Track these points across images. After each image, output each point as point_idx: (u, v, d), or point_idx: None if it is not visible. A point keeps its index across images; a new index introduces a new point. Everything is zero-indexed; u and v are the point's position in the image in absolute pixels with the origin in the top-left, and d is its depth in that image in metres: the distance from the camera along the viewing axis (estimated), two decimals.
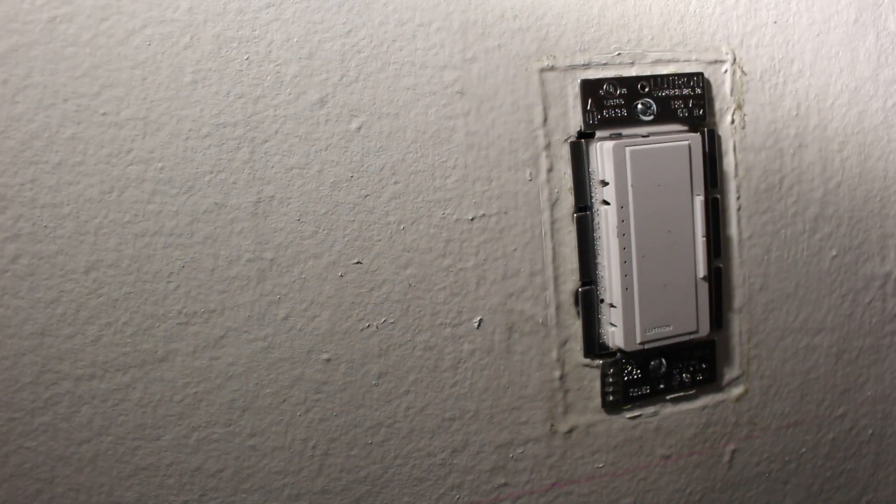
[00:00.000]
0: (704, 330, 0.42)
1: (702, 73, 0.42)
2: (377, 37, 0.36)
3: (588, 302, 0.41)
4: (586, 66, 0.40)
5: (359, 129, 0.37)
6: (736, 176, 0.43)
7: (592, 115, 0.40)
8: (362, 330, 0.38)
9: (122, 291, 0.34)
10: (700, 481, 0.46)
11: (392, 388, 0.39)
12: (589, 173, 0.40)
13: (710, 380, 0.44)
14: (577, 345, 0.41)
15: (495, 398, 0.40)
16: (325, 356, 0.37)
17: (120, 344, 0.34)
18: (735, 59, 0.43)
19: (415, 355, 0.39)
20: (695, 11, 0.42)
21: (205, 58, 0.34)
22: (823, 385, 0.48)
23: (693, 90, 0.42)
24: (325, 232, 0.37)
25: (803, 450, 0.48)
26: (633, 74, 0.41)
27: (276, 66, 0.35)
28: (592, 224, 0.40)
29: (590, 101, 0.40)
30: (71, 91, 0.33)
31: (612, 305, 0.41)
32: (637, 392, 0.43)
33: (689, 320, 0.42)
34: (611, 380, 0.42)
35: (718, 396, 0.45)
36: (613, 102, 0.40)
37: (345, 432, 0.38)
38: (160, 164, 0.34)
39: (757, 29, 0.43)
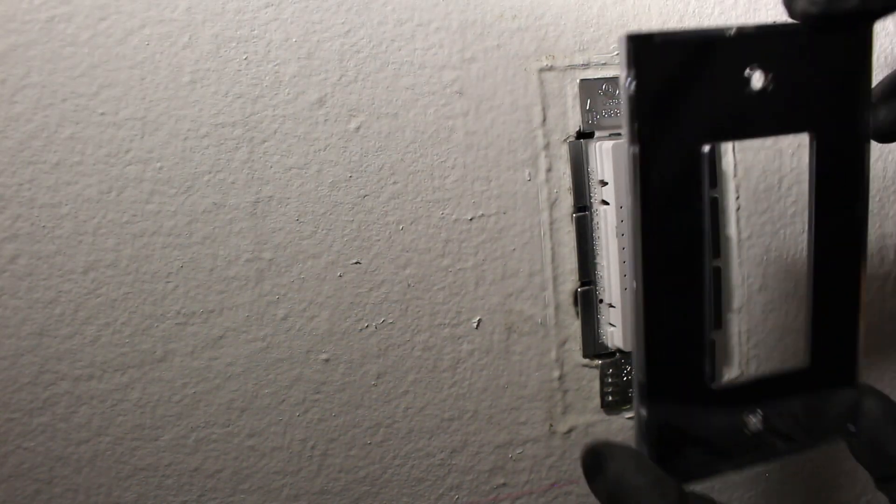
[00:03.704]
0: None
1: None
2: (376, 37, 0.36)
3: (587, 302, 0.41)
4: (585, 66, 0.40)
5: (357, 128, 0.37)
6: (735, 176, 0.43)
7: (592, 114, 0.40)
8: (361, 330, 0.38)
9: (121, 291, 0.34)
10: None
11: (391, 388, 0.39)
12: (588, 173, 0.40)
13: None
14: (576, 345, 0.41)
15: (494, 398, 0.40)
16: (323, 356, 0.37)
17: (118, 344, 0.34)
18: None
19: (414, 355, 0.39)
20: (694, 11, 0.42)
21: (203, 58, 0.34)
22: None
23: None
24: (323, 232, 0.37)
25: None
26: None
27: (275, 65, 0.35)
28: (591, 224, 0.40)
29: (589, 101, 0.40)
30: (69, 91, 0.33)
31: (611, 305, 0.41)
32: None
33: None
34: (610, 380, 0.42)
35: None
36: (613, 102, 0.40)
37: (343, 432, 0.38)
38: (159, 164, 0.34)
39: None
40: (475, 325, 0.39)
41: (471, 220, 0.39)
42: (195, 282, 0.35)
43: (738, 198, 0.44)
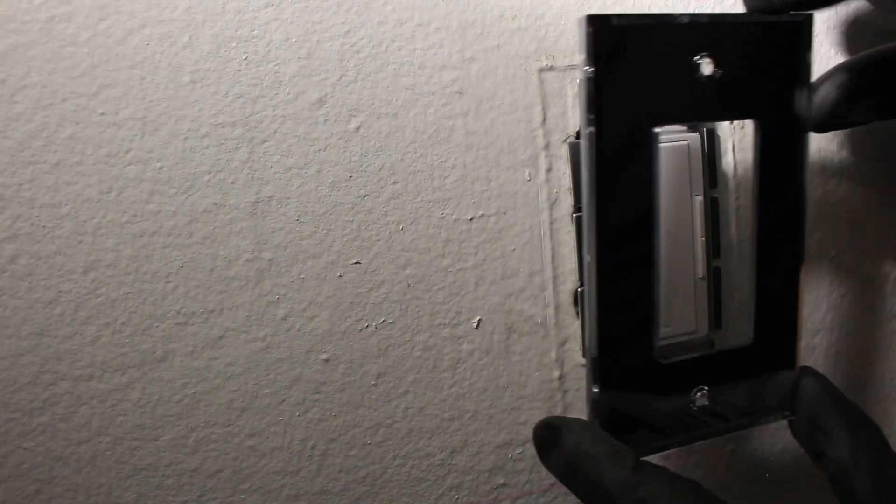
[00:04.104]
0: (703, 330, 0.42)
1: None
2: (376, 37, 0.36)
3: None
4: None
5: (357, 128, 0.37)
6: (735, 176, 0.43)
7: None
8: (361, 330, 0.38)
9: (121, 291, 0.34)
10: (699, 481, 0.45)
11: (391, 388, 0.39)
12: None
13: None
14: (576, 345, 0.41)
15: (494, 398, 0.40)
16: (323, 356, 0.37)
17: (118, 344, 0.34)
18: None
19: (414, 355, 0.39)
20: (693, 11, 0.42)
21: (203, 58, 0.34)
22: None
23: None
24: (323, 232, 0.37)
25: (803, 449, 0.48)
26: None
27: (275, 65, 0.35)
28: None
29: None
30: (69, 91, 0.33)
31: None
32: None
33: (688, 320, 0.42)
34: None
35: None
36: None
37: (343, 432, 0.38)
38: (159, 164, 0.34)
39: None
40: (475, 325, 0.39)
41: (471, 220, 0.39)
42: (195, 282, 0.35)
43: (737, 198, 0.44)
